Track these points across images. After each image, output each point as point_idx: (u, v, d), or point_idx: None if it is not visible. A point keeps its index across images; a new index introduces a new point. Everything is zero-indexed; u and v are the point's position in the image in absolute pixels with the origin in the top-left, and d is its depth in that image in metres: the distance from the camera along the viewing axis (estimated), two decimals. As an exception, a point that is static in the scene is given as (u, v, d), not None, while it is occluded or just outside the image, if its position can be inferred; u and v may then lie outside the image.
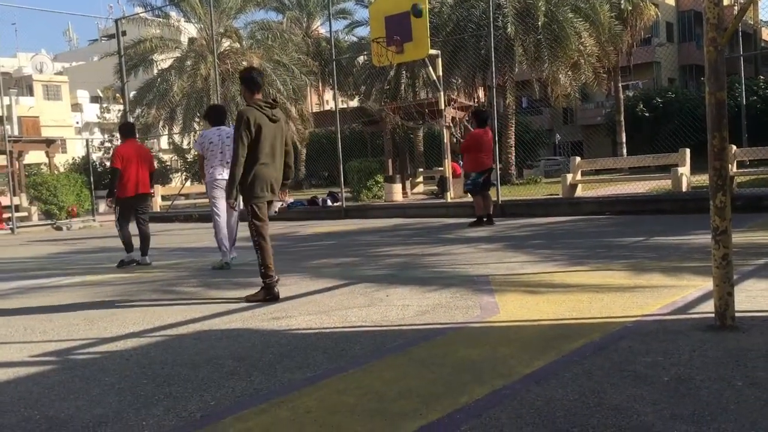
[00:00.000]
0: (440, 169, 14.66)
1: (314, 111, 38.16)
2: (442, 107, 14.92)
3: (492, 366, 3.34)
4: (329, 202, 16.42)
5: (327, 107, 42.32)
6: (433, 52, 14.22)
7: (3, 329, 4.96)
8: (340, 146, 15.44)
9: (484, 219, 11.25)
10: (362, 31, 34.90)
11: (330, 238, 10.88)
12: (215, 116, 8.16)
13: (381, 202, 16.61)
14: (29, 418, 2.99)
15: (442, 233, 10.56)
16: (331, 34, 19.71)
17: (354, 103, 34.32)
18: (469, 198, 15.65)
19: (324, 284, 6.15)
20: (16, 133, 32.46)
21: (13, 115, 36.83)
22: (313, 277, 6.68)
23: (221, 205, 7.79)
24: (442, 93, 14.85)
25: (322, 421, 2.75)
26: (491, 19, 14.09)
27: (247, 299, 5.53)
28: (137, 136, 9.72)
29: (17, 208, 18.27)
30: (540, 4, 21.71)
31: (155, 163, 9.80)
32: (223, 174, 7.67)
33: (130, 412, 2.99)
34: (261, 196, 5.46)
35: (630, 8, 27.20)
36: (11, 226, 17.25)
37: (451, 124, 17.04)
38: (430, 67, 14.52)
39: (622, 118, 30.20)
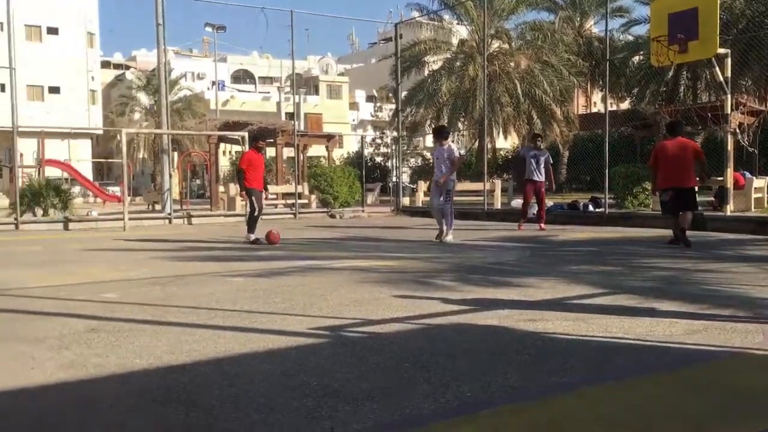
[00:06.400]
0: (719, 179, 13.34)
1: (580, 113, 37.03)
2: (728, 111, 13.56)
3: (776, 400, 2.99)
4: (591, 208, 15.84)
5: (594, 109, 40.83)
6: (721, 51, 12.96)
7: (287, 302, 5.57)
8: (607, 150, 14.82)
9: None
10: (639, 30, 33.02)
11: (589, 245, 10.51)
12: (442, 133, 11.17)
13: (647, 211, 15.60)
14: (307, 383, 3.33)
15: (717, 248, 9.64)
16: (606, 33, 18.94)
17: (624, 105, 32.64)
18: (752, 213, 14.10)
19: (582, 290, 5.96)
20: (302, 128, 36.12)
21: (300, 112, 41.07)
22: (570, 282, 6.50)
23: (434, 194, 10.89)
24: (729, 96, 13.49)
25: (581, 429, 2.69)
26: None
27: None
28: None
29: (300, 196, 20.30)
30: None
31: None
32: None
33: (393, 390, 3.19)
34: None
35: None
36: (294, 212, 19.24)
37: (738, 130, 15.46)
38: (717, 68, 13.28)
39: None
